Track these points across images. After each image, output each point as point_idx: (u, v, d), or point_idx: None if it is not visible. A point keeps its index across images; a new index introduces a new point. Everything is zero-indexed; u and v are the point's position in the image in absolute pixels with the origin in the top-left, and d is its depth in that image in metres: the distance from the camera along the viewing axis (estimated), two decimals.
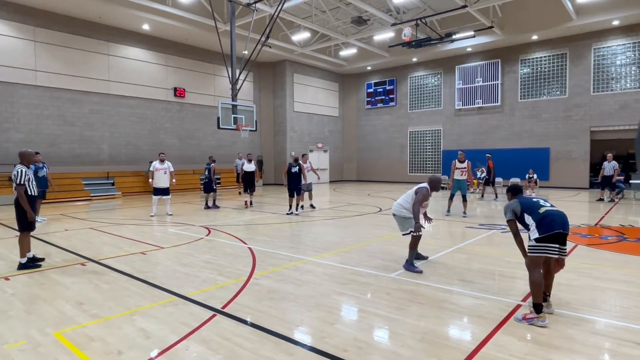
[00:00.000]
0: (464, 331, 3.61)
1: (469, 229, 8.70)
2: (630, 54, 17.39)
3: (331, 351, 3.16)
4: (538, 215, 3.79)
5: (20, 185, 5.59)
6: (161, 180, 11.06)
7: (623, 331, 3.50)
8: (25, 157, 5.82)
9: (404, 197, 5.77)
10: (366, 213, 11.45)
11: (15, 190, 5.60)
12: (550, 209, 3.83)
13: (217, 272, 5.47)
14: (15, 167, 5.70)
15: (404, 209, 5.68)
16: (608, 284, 4.84)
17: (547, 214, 3.75)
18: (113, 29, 17.27)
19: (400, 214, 5.71)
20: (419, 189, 5.58)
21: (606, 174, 13.80)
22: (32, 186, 5.83)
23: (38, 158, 10.21)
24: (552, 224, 3.68)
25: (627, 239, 7.55)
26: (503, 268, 5.53)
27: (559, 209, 3.84)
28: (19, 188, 5.59)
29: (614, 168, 13.70)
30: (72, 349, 3.24)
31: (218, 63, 20.65)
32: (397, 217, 5.77)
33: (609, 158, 13.99)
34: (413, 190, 5.66)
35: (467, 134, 22.03)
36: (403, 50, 20.70)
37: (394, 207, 5.84)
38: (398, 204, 5.79)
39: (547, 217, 3.73)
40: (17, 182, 5.59)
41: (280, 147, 23.84)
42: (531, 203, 3.97)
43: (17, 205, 5.65)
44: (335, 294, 4.53)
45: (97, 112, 16.99)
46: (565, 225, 3.71)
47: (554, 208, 3.86)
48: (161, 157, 11.27)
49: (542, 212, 3.79)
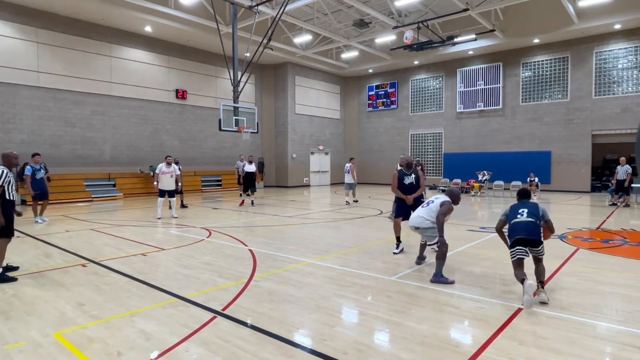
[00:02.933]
0: (464, 334, 3.59)
1: (471, 232, 8.69)
2: (632, 57, 17.39)
3: (331, 354, 3.15)
4: (509, 225, 4.60)
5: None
6: (167, 184, 10.87)
7: (625, 335, 3.49)
8: (5, 158, 5.39)
9: (426, 210, 5.52)
10: (367, 215, 11.44)
11: None
12: (517, 220, 4.52)
13: (217, 273, 5.46)
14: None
15: (427, 221, 5.44)
16: (610, 288, 4.82)
17: (513, 225, 4.52)
18: (115, 31, 17.33)
19: (424, 226, 5.47)
20: (445, 202, 5.42)
21: (619, 178, 13.35)
22: (11, 189, 5.31)
23: (37, 159, 10.22)
24: (513, 232, 4.48)
25: (628, 242, 7.53)
26: (504, 271, 5.51)
27: (528, 219, 4.48)
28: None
29: (627, 172, 13.22)
30: (72, 350, 3.24)
31: (220, 65, 20.69)
32: (421, 229, 5.52)
33: (622, 162, 13.52)
34: (437, 202, 5.46)
35: (468, 137, 22.02)
36: (405, 53, 20.71)
37: (416, 220, 5.55)
38: (419, 216, 5.53)
39: (512, 227, 4.52)
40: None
41: (281, 149, 23.87)
42: (513, 211, 4.66)
43: None
44: (336, 297, 4.52)
45: (99, 113, 17.03)
46: (527, 231, 4.39)
47: (522, 219, 4.51)
48: (168, 160, 11.00)
49: (511, 223, 4.56)
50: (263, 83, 23.93)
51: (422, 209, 5.62)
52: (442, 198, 5.52)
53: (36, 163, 10.17)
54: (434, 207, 5.48)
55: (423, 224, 5.48)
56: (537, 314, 3.94)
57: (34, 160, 10.14)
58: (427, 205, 5.60)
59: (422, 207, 5.68)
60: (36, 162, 10.16)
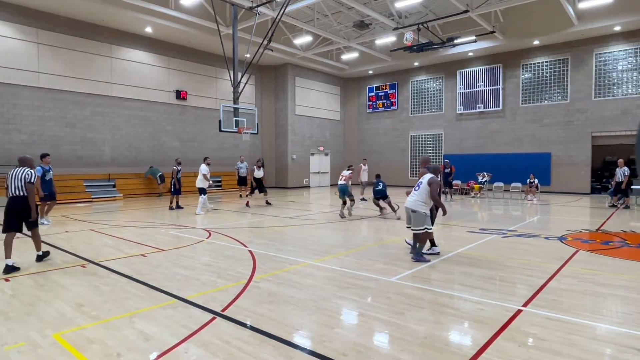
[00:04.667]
0: (464, 336, 3.59)
1: (470, 233, 8.68)
2: (631, 59, 17.40)
3: (331, 355, 3.15)
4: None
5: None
6: (198, 182, 12.69)
7: (624, 337, 3.48)
8: (27, 161, 6.13)
9: (419, 192, 6.17)
10: (367, 217, 11.43)
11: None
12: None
13: (217, 274, 5.46)
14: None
15: (422, 204, 6.08)
16: (609, 289, 4.82)
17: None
18: (116, 32, 17.35)
19: (420, 210, 6.07)
20: (432, 180, 6.08)
21: (617, 180, 13.39)
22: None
23: (47, 160, 10.06)
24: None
25: (628, 244, 7.52)
26: (504, 273, 5.52)
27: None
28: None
29: (625, 174, 13.24)
30: (72, 351, 3.23)
31: (220, 66, 20.71)
32: (417, 213, 6.07)
33: (620, 164, 13.52)
34: (425, 183, 6.12)
35: (468, 139, 22.04)
36: (405, 55, 20.73)
37: (412, 204, 6.18)
38: (415, 200, 6.14)
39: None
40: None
41: (281, 150, 23.88)
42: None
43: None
44: (336, 298, 4.52)
45: (99, 114, 17.04)
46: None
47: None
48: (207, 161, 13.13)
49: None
50: (263, 84, 23.95)
51: (415, 192, 6.29)
52: (427, 177, 6.22)
53: (46, 164, 10.00)
54: (423, 189, 6.18)
55: (420, 208, 6.12)
56: (537, 316, 3.94)
57: (44, 161, 9.97)
58: (418, 189, 6.27)
59: (415, 190, 6.35)
60: (46, 163, 9.99)
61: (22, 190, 5.77)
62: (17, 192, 5.77)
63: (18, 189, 5.77)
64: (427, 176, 6.22)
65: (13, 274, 5.48)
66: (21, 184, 5.76)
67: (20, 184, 5.76)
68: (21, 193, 5.77)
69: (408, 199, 6.32)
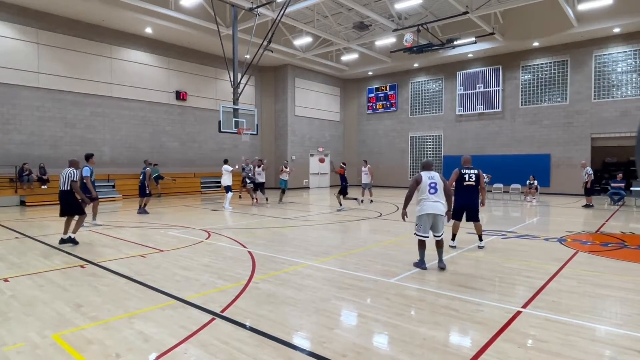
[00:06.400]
0: (463, 337, 3.59)
1: (470, 234, 8.68)
2: (631, 61, 17.43)
3: (330, 356, 3.15)
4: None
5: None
6: (224, 180, 13.85)
7: (624, 339, 3.48)
8: (76, 162, 7.74)
9: (439, 194, 5.68)
10: (366, 218, 11.43)
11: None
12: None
13: (216, 275, 5.46)
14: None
15: (444, 206, 5.74)
16: (609, 291, 4.82)
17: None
18: (116, 32, 17.35)
19: (444, 212, 5.73)
20: (442, 177, 5.78)
21: (584, 180, 14.45)
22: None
23: (93, 161, 9.88)
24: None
25: (628, 246, 7.53)
26: (503, 274, 5.52)
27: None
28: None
29: (587, 173, 14.31)
30: (71, 352, 3.23)
31: (220, 67, 20.72)
32: (443, 217, 5.73)
33: (583, 165, 14.57)
34: (439, 179, 5.71)
35: (468, 140, 22.05)
36: (404, 56, 20.76)
37: (441, 208, 5.65)
38: (442, 204, 5.68)
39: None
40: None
41: (281, 151, 23.87)
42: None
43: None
44: (335, 299, 4.51)
45: (98, 114, 17.04)
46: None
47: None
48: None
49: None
50: (263, 85, 23.96)
51: (436, 195, 5.68)
52: (436, 175, 5.76)
53: (92, 164, 9.79)
54: (440, 188, 5.71)
55: (443, 210, 5.70)
56: (537, 317, 3.94)
57: (90, 162, 9.74)
58: (435, 191, 5.68)
59: (433, 193, 5.69)
60: (92, 164, 9.78)
61: (66, 186, 7.33)
62: (63, 187, 7.39)
63: (64, 184, 7.38)
64: (435, 173, 5.79)
65: (12, 274, 5.46)
66: (67, 181, 7.34)
67: (65, 181, 7.36)
68: (66, 188, 7.35)
69: (431, 205, 5.60)
